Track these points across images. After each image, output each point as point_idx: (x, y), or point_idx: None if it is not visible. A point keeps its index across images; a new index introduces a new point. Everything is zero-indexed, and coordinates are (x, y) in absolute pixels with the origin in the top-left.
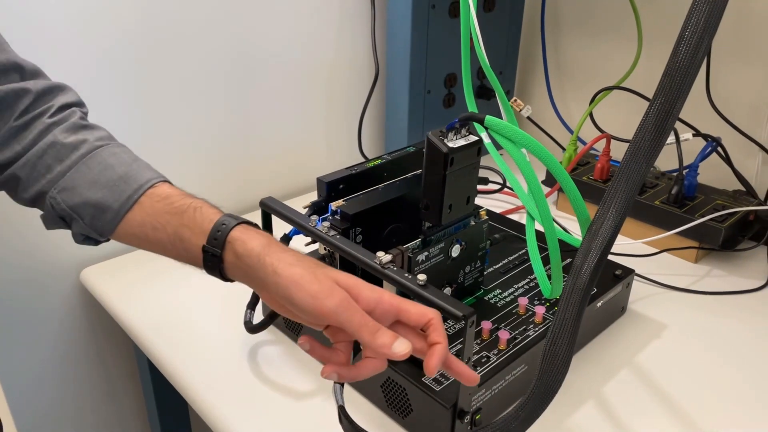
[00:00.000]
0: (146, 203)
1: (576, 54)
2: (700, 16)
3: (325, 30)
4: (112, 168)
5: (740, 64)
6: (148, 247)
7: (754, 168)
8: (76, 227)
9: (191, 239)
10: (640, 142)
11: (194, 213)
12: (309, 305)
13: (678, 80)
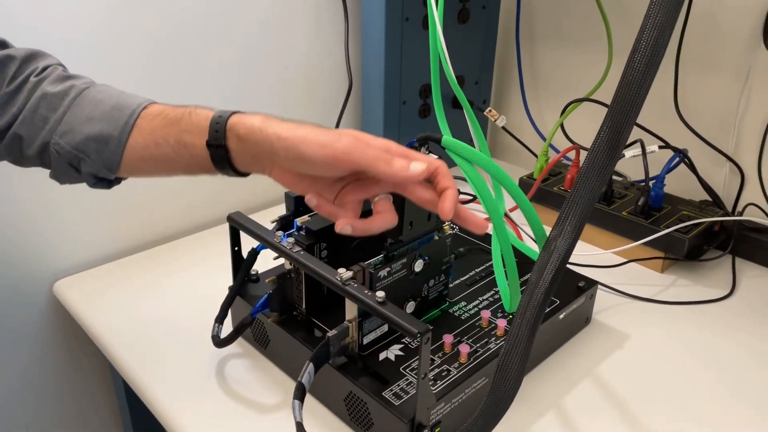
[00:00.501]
0: (143, 125)
1: (551, 64)
2: (649, 37)
3: (300, 43)
4: (102, 102)
5: (707, 75)
6: (156, 170)
7: (721, 178)
8: (85, 167)
9: (194, 141)
10: (593, 160)
11: (190, 117)
12: (321, 154)
13: (627, 103)
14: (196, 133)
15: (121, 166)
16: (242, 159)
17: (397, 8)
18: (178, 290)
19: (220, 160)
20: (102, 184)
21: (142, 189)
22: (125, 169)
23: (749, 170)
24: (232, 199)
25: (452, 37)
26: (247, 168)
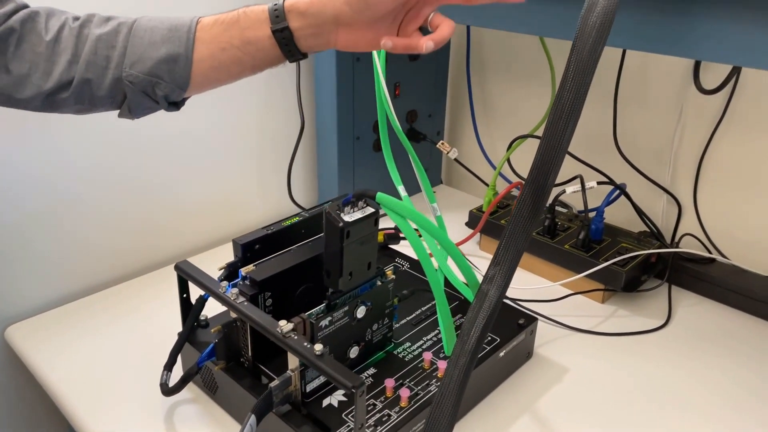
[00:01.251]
0: (203, 36)
1: (501, 97)
2: (565, 102)
3: (253, 86)
4: (156, 28)
5: (644, 113)
6: (226, 74)
7: (660, 209)
8: (159, 90)
9: (257, 35)
10: (517, 218)
11: (246, 15)
12: None
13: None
14: (258, 27)
15: (191, 81)
16: (306, 36)
17: (349, 57)
18: (129, 334)
19: (286, 42)
20: (173, 107)
21: (92, 231)
22: (195, 83)
23: (686, 202)
24: (182, 240)
25: (404, 73)
26: (310, 46)
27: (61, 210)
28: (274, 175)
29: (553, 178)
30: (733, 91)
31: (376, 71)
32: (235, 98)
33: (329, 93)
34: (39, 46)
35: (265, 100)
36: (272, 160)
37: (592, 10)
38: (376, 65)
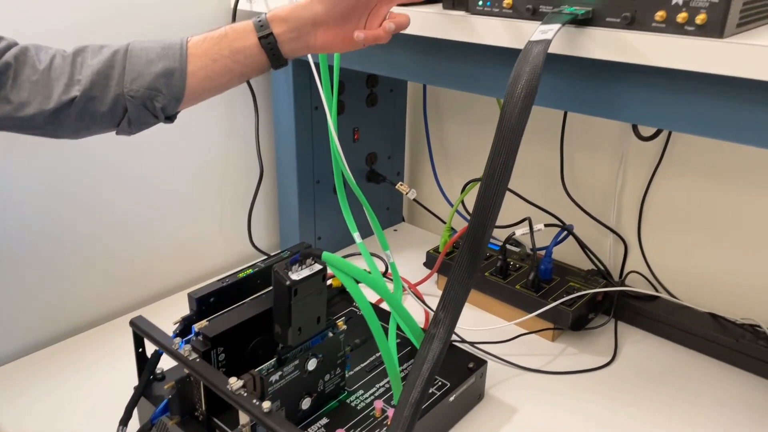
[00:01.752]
0: (194, 51)
1: (457, 138)
2: (496, 166)
3: (215, 131)
4: (151, 49)
5: (590, 156)
6: (218, 83)
7: (607, 247)
8: (158, 102)
9: (245, 44)
10: (455, 275)
11: (233, 30)
12: None
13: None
14: (245, 37)
15: (186, 92)
16: (288, 40)
17: (306, 99)
18: (85, 387)
19: (271, 47)
20: (168, 120)
21: (48, 280)
22: (190, 94)
23: (631, 240)
24: (144, 286)
25: (363, 119)
26: (292, 49)
27: (15, 259)
28: (235, 221)
29: (488, 237)
30: (669, 137)
31: (330, 127)
32: (196, 145)
33: (288, 139)
34: (34, 75)
35: (225, 147)
36: (233, 206)
37: (518, 81)
38: (329, 119)
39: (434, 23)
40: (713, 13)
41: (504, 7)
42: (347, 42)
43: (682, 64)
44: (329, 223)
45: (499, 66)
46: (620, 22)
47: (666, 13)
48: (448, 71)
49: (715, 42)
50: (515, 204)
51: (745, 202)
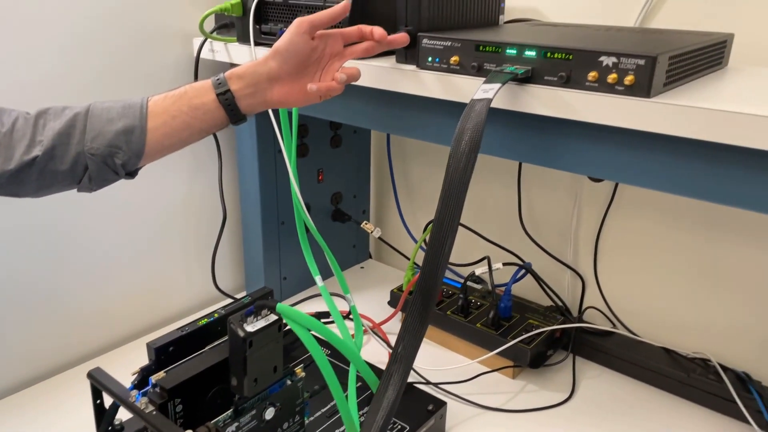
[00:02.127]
0: (155, 109)
1: (421, 177)
2: (444, 216)
3: (177, 175)
4: (111, 108)
5: (547, 195)
6: (177, 139)
7: (565, 284)
8: (119, 159)
9: (204, 100)
10: (409, 321)
11: (192, 89)
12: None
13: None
14: (204, 94)
15: (146, 149)
16: (245, 96)
17: (269, 142)
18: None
19: (229, 103)
20: (128, 176)
21: (5, 326)
22: (150, 150)
23: (588, 276)
24: (107, 330)
25: (328, 160)
26: (250, 104)
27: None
28: (199, 264)
29: (439, 284)
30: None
31: (290, 177)
32: (159, 189)
33: (252, 181)
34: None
35: (188, 190)
36: (197, 249)
37: (462, 137)
38: (288, 168)
39: (387, 76)
40: (640, 75)
41: (451, 63)
42: (303, 96)
43: (612, 121)
44: (295, 263)
45: (446, 116)
46: (557, 80)
47: (598, 74)
48: (400, 120)
49: (642, 101)
50: (476, 242)
51: (692, 240)
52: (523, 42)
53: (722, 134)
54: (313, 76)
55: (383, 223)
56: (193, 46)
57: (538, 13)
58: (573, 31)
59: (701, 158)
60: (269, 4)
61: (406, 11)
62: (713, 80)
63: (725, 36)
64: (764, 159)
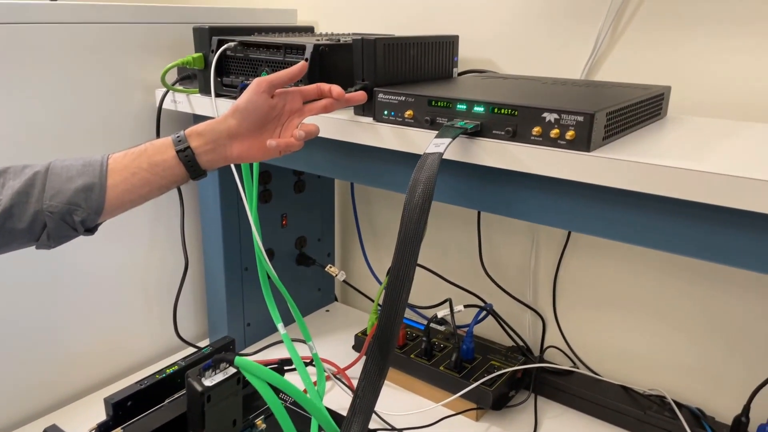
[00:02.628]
0: (114, 166)
1: (385, 219)
2: (400, 268)
3: (138, 224)
4: (71, 166)
5: (506, 237)
6: (137, 195)
7: (526, 324)
8: (77, 216)
9: (163, 158)
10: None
11: (152, 146)
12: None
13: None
14: (164, 151)
15: (106, 206)
16: (205, 152)
17: (232, 188)
18: None
19: (189, 160)
20: (88, 232)
21: None
22: (110, 207)
23: (548, 316)
24: (67, 382)
25: (291, 205)
26: (209, 160)
27: None
28: (161, 313)
29: (396, 334)
30: None
31: (252, 228)
32: (119, 238)
33: (215, 228)
34: None
35: (149, 238)
36: (159, 298)
37: (416, 189)
38: (249, 217)
39: (346, 128)
40: (580, 130)
41: (406, 117)
42: (262, 151)
43: (556, 173)
44: (259, 309)
45: (402, 166)
46: (504, 134)
47: (541, 129)
48: (359, 170)
49: (582, 155)
50: (439, 284)
51: (646, 280)
52: (473, 98)
53: (652, 186)
54: (273, 133)
55: (348, 266)
56: (156, 97)
57: (492, 63)
58: (521, 84)
59: (636, 208)
60: (230, 58)
61: (362, 67)
62: (652, 131)
63: (662, 89)
64: (692, 209)
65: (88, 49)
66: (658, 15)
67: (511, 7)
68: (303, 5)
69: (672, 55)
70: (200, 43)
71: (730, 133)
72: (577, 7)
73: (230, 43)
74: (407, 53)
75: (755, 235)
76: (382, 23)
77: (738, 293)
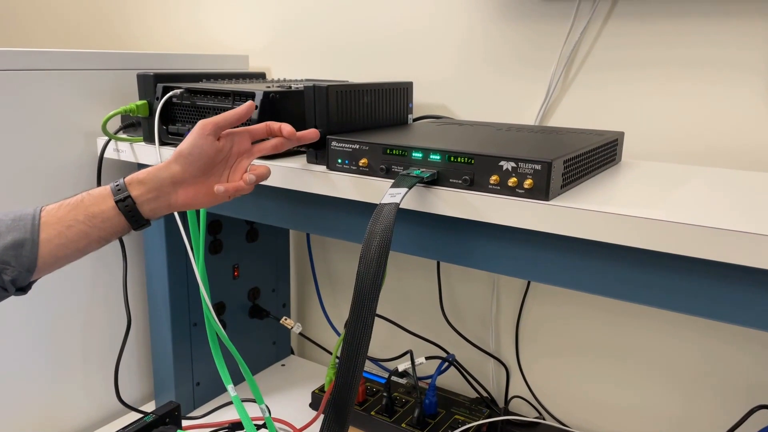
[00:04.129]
0: (48, 219)
1: (343, 267)
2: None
3: (75, 279)
4: (1, 221)
5: (466, 285)
6: (74, 250)
7: (489, 373)
8: (7, 275)
9: (101, 208)
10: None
11: (89, 196)
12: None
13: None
14: (102, 201)
15: (39, 262)
16: (147, 201)
17: (179, 240)
18: None
19: (130, 210)
20: (20, 292)
21: None
22: (44, 264)
23: (511, 364)
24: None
25: (244, 255)
26: (153, 209)
27: None
28: (101, 375)
29: (354, 396)
30: None
31: (199, 285)
32: (53, 294)
33: (160, 283)
34: None
35: (90, 295)
36: (99, 358)
37: (371, 242)
38: (195, 271)
39: (298, 177)
40: (538, 179)
41: (360, 165)
42: (210, 197)
43: (515, 223)
44: (209, 367)
45: (357, 216)
46: (462, 183)
47: (499, 178)
48: (312, 219)
49: (541, 204)
50: (399, 335)
51: (606, 324)
52: (429, 146)
53: (615, 235)
54: (221, 176)
55: (305, 316)
56: (98, 145)
57: (446, 108)
58: (477, 130)
59: (597, 257)
60: (177, 105)
61: (314, 113)
62: (608, 178)
63: (616, 134)
64: (655, 258)
65: (26, 96)
66: (608, 62)
67: (464, 52)
68: (254, 51)
69: (623, 101)
70: (144, 90)
71: (682, 178)
72: (529, 54)
73: (176, 90)
74: (361, 100)
75: (715, 283)
76: (335, 69)
77: (701, 338)
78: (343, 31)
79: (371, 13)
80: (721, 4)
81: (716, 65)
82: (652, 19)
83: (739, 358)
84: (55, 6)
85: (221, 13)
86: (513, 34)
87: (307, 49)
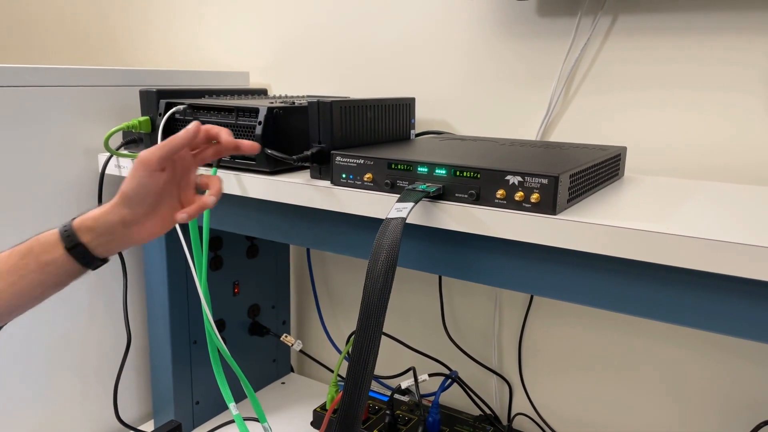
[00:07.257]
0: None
1: (343, 284)
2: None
3: (75, 298)
4: None
5: (467, 300)
6: (29, 298)
7: (492, 390)
8: None
9: (53, 256)
10: None
11: (38, 243)
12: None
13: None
14: (52, 249)
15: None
16: (100, 245)
17: (180, 256)
18: None
19: (83, 256)
20: None
21: None
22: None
23: (514, 381)
24: None
25: (244, 271)
26: (108, 250)
27: None
28: (100, 394)
29: (361, 415)
30: None
31: (202, 303)
32: (55, 314)
33: (161, 300)
34: None
35: (89, 314)
36: (98, 377)
37: (378, 256)
38: (198, 288)
39: (302, 192)
40: (545, 193)
41: (365, 180)
42: (167, 222)
43: (522, 237)
44: (209, 385)
45: (362, 231)
46: (468, 197)
47: (505, 192)
48: (316, 235)
49: (548, 219)
50: (401, 352)
51: (610, 339)
52: (434, 161)
53: (624, 250)
54: (174, 200)
55: (305, 333)
56: (99, 161)
57: (447, 124)
58: (480, 145)
59: (606, 271)
60: (180, 122)
61: (318, 129)
62: (612, 192)
63: (619, 149)
64: (661, 271)
65: (27, 112)
66: (608, 78)
67: (465, 69)
68: (256, 68)
69: (623, 116)
70: (147, 106)
71: (686, 192)
72: (530, 70)
73: (179, 106)
74: (364, 115)
75: (722, 296)
76: (336, 86)
77: (706, 353)
78: (344, 50)
79: (372, 30)
80: (721, 21)
81: (716, 81)
82: (653, 35)
83: (745, 373)
84: (68, 24)
85: (222, 30)
86: (514, 50)
87: (307, 66)
